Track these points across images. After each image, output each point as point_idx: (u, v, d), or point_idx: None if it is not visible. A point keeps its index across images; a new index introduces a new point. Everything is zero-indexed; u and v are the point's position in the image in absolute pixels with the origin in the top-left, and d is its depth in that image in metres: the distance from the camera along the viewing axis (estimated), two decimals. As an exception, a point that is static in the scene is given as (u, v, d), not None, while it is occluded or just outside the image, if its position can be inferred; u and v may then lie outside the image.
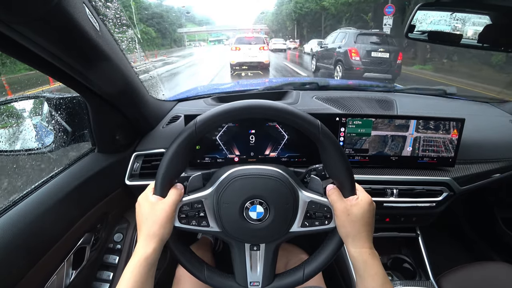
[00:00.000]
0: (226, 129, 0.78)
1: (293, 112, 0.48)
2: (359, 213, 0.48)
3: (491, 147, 0.96)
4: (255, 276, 0.53)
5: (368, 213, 0.49)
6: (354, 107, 1.03)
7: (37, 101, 0.82)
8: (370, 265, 0.48)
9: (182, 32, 58.87)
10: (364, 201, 0.49)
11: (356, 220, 0.48)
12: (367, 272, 0.48)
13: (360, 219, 0.48)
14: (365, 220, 0.49)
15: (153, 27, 37.99)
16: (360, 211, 0.48)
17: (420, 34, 0.95)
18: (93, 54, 0.52)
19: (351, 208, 0.48)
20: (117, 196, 0.83)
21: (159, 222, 0.47)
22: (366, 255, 0.48)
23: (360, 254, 0.48)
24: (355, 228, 0.48)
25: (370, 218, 0.49)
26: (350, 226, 0.49)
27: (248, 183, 0.51)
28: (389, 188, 0.87)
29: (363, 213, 0.48)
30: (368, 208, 0.49)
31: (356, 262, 0.49)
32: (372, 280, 0.47)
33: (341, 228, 0.50)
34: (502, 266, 0.88)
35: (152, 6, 42.50)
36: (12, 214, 0.55)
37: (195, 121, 0.47)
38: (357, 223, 0.48)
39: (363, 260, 0.48)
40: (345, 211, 0.48)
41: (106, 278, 0.86)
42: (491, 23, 0.86)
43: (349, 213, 0.48)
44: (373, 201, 0.51)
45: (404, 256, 1.04)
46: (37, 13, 0.36)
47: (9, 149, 0.75)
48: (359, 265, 0.48)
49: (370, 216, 0.49)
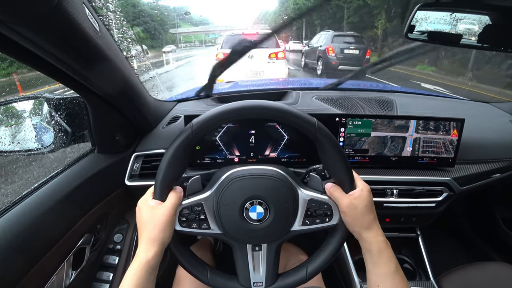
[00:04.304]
0: (226, 130, 0.78)
1: (289, 111, 0.48)
2: (364, 204, 0.49)
3: (491, 147, 0.96)
4: (258, 276, 0.53)
5: (372, 201, 0.50)
6: (354, 107, 1.03)
7: (37, 102, 0.82)
8: (385, 253, 0.49)
9: (176, 33, 56.30)
10: (365, 190, 0.50)
11: (364, 211, 0.49)
12: (381, 259, 0.49)
13: (368, 210, 0.49)
14: (371, 208, 0.50)
15: (140, 26, 35.51)
16: (365, 202, 0.49)
17: (420, 34, 0.95)
18: (92, 55, 0.52)
19: (356, 202, 0.49)
20: (117, 196, 0.82)
21: (160, 226, 0.47)
22: (381, 244, 0.49)
23: (376, 244, 0.49)
24: (366, 219, 0.49)
25: (373, 205, 0.51)
26: (361, 219, 0.49)
27: (247, 184, 0.51)
28: (389, 188, 0.87)
29: (368, 203, 0.49)
30: (370, 197, 0.50)
31: (371, 252, 0.49)
32: (385, 267, 0.48)
33: (351, 223, 0.50)
34: (502, 266, 0.88)
35: (141, 4, 38.83)
36: (12, 215, 0.55)
37: (191, 124, 0.47)
38: (366, 214, 0.49)
39: (379, 249, 0.49)
40: (352, 206, 0.49)
41: (106, 278, 0.86)
42: (491, 23, 0.86)
43: (356, 206, 0.49)
44: (369, 188, 0.52)
45: (404, 256, 1.04)
46: (37, 13, 0.36)
47: (9, 149, 0.75)
48: (374, 254, 0.49)
49: (373, 204, 0.51)
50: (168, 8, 59.02)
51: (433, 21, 0.95)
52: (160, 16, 44.77)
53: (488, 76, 8.05)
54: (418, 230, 1.06)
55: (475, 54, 8.54)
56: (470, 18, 0.91)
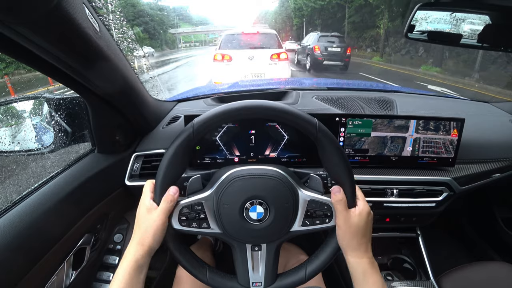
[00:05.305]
0: (226, 130, 0.78)
1: (290, 111, 0.48)
2: (360, 224, 0.49)
3: (491, 147, 0.96)
4: (257, 276, 0.53)
5: (369, 223, 0.50)
6: (354, 107, 1.03)
7: (37, 102, 0.82)
8: (369, 274, 0.49)
9: (175, 33, 56.24)
10: (365, 211, 0.50)
11: (357, 231, 0.49)
12: (366, 280, 0.49)
13: (362, 230, 0.49)
14: (366, 231, 0.50)
15: (140, 26, 35.31)
16: (361, 223, 0.49)
17: (420, 34, 0.95)
18: (92, 54, 0.52)
19: (352, 220, 0.49)
20: (117, 196, 0.83)
21: (150, 232, 0.47)
22: (366, 265, 0.49)
23: (360, 264, 0.49)
24: (356, 239, 0.49)
25: (370, 228, 0.51)
26: (351, 237, 0.49)
27: (247, 184, 0.51)
28: (389, 188, 0.87)
29: (364, 225, 0.50)
30: (368, 219, 0.50)
31: (356, 271, 0.49)
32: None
33: (342, 239, 0.51)
34: (502, 266, 0.88)
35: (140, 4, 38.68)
36: (12, 215, 0.55)
37: (192, 123, 0.47)
38: (358, 234, 0.49)
39: (363, 270, 0.49)
40: (347, 223, 0.49)
41: (106, 278, 0.86)
42: (491, 23, 0.86)
43: (350, 224, 0.49)
44: (371, 211, 0.52)
45: (404, 256, 1.04)
46: (37, 13, 0.36)
47: (9, 149, 0.75)
48: (358, 274, 0.49)
49: (370, 227, 0.51)
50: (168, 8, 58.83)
51: (433, 21, 0.95)
52: (159, 16, 44.40)
53: (495, 77, 7.98)
54: (418, 230, 1.06)
55: (481, 55, 8.49)
56: (475, 18, 0.90)
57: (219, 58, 4.90)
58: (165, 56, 24.00)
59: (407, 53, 13.46)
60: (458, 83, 8.18)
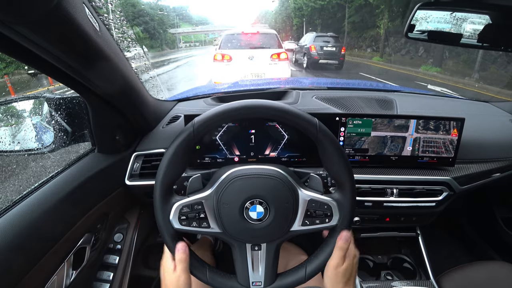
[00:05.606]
0: (226, 129, 0.78)
1: (290, 111, 0.48)
2: (348, 269, 0.52)
3: (491, 146, 0.96)
4: (257, 276, 0.53)
5: (355, 266, 0.53)
6: (354, 107, 1.03)
7: (37, 101, 0.82)
8: None
9: (175, 33, 56.07)
10: (356, 256, 0.54)
11: (344, 274, 0.51)
12: None
13: (348, 274, 0.52)
14: (352, 273, 0.53)
15: (140, 26, 35.14)
16: (350, 267, 0.52)
17: (420, 33, 0.95)
18: (93, 54, 0.52)
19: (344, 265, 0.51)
20: (117, 196, 0.83)
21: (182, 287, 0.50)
22: None
23: None
24: (341, 282, 0.51)
25: (356, 270, 0.54)
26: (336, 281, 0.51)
27: (247, 183, 0.51)
28: (389, 188, 0.87)
29: (351, 268, 0.52)
30: (354, 262, 0.53)
31: None
32: None
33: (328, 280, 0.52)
34: (502, 265, 0.88)
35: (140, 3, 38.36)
36: (12, 215, 0.55)
37: (192, 123, 0.47)
38: (345, 277, 0.51)
39: None
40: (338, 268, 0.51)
41: (106, 278, 0.86)
42: (491, 23, 0.86)
43: (338, 270, 0.51)
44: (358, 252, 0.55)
45: (404, 256, 1.05)
46: (37, 13, 0.36)
47: (9, 149, 0.76)
48: None
49: (356, 269, 0.54)
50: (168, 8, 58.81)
51: (433, 20, 0.95)
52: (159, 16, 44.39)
53: (495, 77, 7.96)
54: (418, 230, 1.06)
55: (481, 55, 8.47)
56: (475, 18, 0.90)
57: (219, 58, 4.92)
58: (165, 56, 23.99)
59: (407, 53, 13.45)
60: (458, 83, 8.18)
